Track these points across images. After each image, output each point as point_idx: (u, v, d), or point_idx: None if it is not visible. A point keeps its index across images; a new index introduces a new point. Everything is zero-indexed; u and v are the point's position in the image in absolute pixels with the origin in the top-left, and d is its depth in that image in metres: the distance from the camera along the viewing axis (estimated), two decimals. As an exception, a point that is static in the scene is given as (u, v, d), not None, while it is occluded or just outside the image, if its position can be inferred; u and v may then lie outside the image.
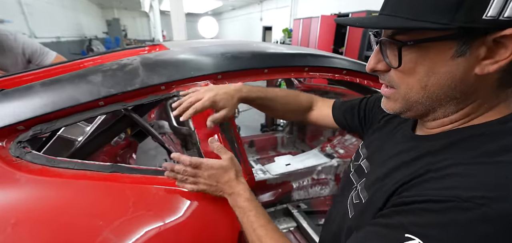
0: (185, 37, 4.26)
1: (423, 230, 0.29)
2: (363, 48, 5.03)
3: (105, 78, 0.71)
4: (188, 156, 0.59)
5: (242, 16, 12.76)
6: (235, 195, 0.58)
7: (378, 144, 0.54)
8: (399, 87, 0.38)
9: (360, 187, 0.47)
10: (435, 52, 0.33)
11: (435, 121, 0.40)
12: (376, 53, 0.40)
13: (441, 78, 0.34)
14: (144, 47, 1.61)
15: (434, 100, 0.36)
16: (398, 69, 0.37)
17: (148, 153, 1.32)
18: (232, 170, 0.60)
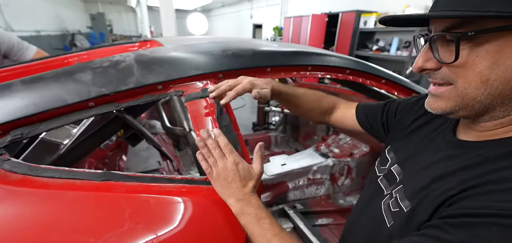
0: (175, 34, 4.14)
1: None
2: (354, 46, 5.10)
3: (95, 76, 0.64)
4: (226, 138, 0.57)
5: (232, 13, 12.63)
6: (246, 202, 0.53)
7: (412, 150, 0.51)
8: (456, 82, 0.36)
9: (397, 195, 0.45)
10: (500, 43, 0.31)
11: (491, 122, 0.37)
12: (425, 51, 0.39)
13: (507, 71, 0.31)
14: (133, 43, 1.53)
15: (495, 97, 0.34)
16: (454, 63, 0.34)
17: (139, 154, 1.25)
18: (253, 181, 0.56)
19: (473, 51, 0.33)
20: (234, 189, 0.54)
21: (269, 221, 0.50)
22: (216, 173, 0.55)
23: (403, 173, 0.48)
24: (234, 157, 0.55)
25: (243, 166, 0.55)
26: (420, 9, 3.91)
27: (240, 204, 0.53)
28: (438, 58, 0.36)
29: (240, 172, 0.54)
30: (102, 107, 0.63)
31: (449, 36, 0.34)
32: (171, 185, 0.61)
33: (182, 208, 0.57)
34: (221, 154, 0.55)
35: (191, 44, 0.90)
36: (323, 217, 1.47)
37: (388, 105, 0.67)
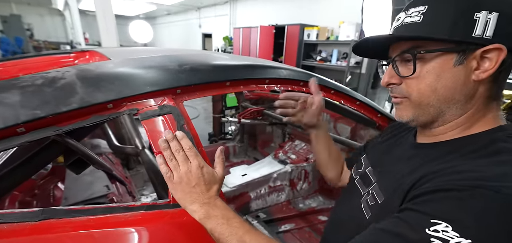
0: (116, 42, 3.76)
1: (448, 215, 0.32)
2: (300, 57, 5.49)
3: (25, 96, 0.54)
4: (190, 141, 0.55)
5: (179, 22, 12.21)
6: (211, 205, 0.52)
7: (381, 154, 0.60)
8: (410, 95, 0.46)
9: (373, 191, 0.51)
10: (441, 61, 0.42)
11: (443, 126, 0.46)
12: (389, 70, 0.49)
13: (448, 80, 0.42)
14: (68, 53, 1.34)
15: (443, 102, 0.43)
16: (410, 77, 0.44)
17: (80, 180, 1.08)
18: (217, 185, 0.56)
19: (424, 67, 0.43)
20: (198, 193, 0.52)
21: (238, 220, 0.50)
22: (177, 177, 0.53)
23: (376, 173, 0.56)
24: (199, 160, 0.54)
25: (208, 170, 0.55)
26: (352, 25, 4.48)
27: (205, 208, 0.51)
28: (398, 73, 0.46)
29: (204, 176, 0.53)
30: (36, 132, 0.53)
31: (407, 55, 0.44)
32: (129, 214, 0.55)
33: (148, 239, 0.52)
34: (185, 157, 0.53)
35: (144, 57, 0.84)
36: (285, 223, 1.52)
37: (368, 142, 0.76)
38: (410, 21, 0.44)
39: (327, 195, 1.73)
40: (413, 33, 0.43)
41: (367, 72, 4.64)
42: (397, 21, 0.47)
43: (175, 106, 0.69)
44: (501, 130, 0.43)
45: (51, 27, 12.85)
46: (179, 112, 0.69)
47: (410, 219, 0.36)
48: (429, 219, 0.33)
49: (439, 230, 0.32)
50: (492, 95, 0.43)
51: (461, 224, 0.31)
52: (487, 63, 0.40)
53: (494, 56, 0.39)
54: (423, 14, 0.42)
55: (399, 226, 0.36)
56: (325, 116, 1.79)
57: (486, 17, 0.38)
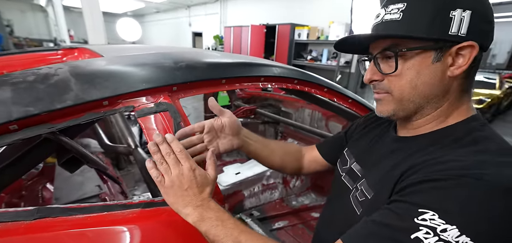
0: (104, 40, 3.66)
1: (434, 204, 0.34)
2: (291, 56, 5.54)
3: (17, 92, 0.52)
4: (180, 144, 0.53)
5: (169, 20, 12.02)
6: (205, 207, 0.51)
7: (365, 148, 0.61)
8: (392, 91, 0.48)
9: (362, 187, 0.52)
10: (420, 58, 0.43)
11: (422, 119, 0.48)
12: (371, 67, 0.49)
13: (427, 77, 0.44)
14: (55, 51, 1.30)
15: (422, 97, 0.45)
16: (392, 74, 0.46)
17: (71, 180, 1.05)
18: (209, 187, 0.54)
19: (405, 64, 0.45)
20: (191, 196, 0.51)
21: (233, 221, 0.50)
22: (169, 181, 0.51)
23: (363, 168, 0.57)
24: (190, 163, 0.52)
25: (200, 172, 0.53)
26: (342, 25, 4.57)
27: (199, 210, 0.50)
28: (380, 70, 0.47)
29: (197, 178, 0.52)
30: (29, 129, 0.52)
31: (389, 53, 0.45)
32: (127, 212, 0.55)
33: (145, 236, 0.52)
34: (176, 160, 0.52)
35: (139, 54, 0.83)
36: (279, 220, 1.53)
37: (348, 130, 0.77)
38: (389, 18, 0.45)
39: (320, 192, 1.76)
40: (392, 31, 0.44)
41: (357, 71, 4.74)
42: (377, 18, 0.48)
43: (171, 104, 0.69)
44: (475, 120, 0.46)
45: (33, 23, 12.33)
46: (175, 109, 0.69)
47: (399, 209, 0.38)
48: (417, 208, 0.35)
49: (427, 218, 0.34)
50: (465, 89, 0.46)
51: (447, 212, 0.33)
52: (461, 59, 0.42)
53: (467, 53, 0.41)
54: (402, 11, 0.43)
55: (389, 217, 0.38)
56: (317, 114, 1.82)
57: (460, 15, 0.39)
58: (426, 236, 0.33)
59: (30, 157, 0.61)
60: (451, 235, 0.32)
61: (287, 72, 1.01)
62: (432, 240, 0.32)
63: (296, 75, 1.02)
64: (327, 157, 0.79)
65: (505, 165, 0.36)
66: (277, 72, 0.98)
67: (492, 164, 0.36)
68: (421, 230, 0.33)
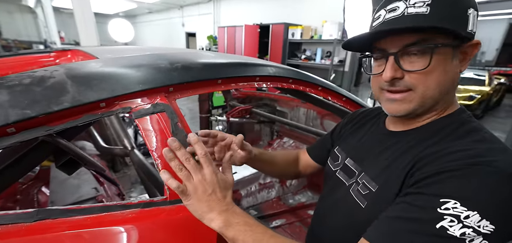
0: (97, 41, 3.61)
1: (455, 193, 0.36)
2: (285, 56, 5.57)
3: (14, 95, 0.52)
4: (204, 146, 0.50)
5: (162, 20, 11.92)
6: (230, 212, 0.49)
7: (355, 144, 0.63)
8: (416, 88, 0.46)
9: (363, 180, 0.53)
10: (443, 55, 0.43)
11: (425, 115, 0.50)
12: (392, 64, 0.46)
13: (449, 74, 0.45)
14: (48, 53, 1.29)
15: (442, 94, 0.46)
16: (419, 71, 0.44)
17: (66, 183, 1.05)
18: (230, 191, 0.53)
19: (433, 61, 0.43)
20: (215, 201, 0.49)
21: (261, 226, 0.48)
22: (192, 188, 0.48)
23: (358, 164, 0.58)
24: (213, 167, 0.50)
25: (222, 176, 0.51)
26: (335, 24, 4.61)
27: (224, 216, 0.48)
28: (401, 67, 0.45)
29: (220, 183, 0.50)
30: (27, 132, 0.52)
31: (413, 49, 0.43)
32: (126, 212, 0.55)
33: (145, 236, 0.53)
34: (196, 165, 0.49)
35: (134, 55, 0.83)
36: (276, 219, 1.55)
37: (333, 131, 0.79)
38: (415, 11, 0.42)
39: (316, 190, 1.78)
40: (426, 23, 0.41)
41: (350, 70, 4.80)
42: (392, 12, 0.44)
43: (168, 104, 0.70)
44: (463, 112, 0.48)
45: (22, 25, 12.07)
46: (172, 109, 0.70)
47: (420, 202, 0.38)
48: (439, 199, 0.36)
49: (450, 207, 0.35)
50: (456, 85, 0.48)
51: (467, 199, 0.35)
52: (467, 56, 0.44)
53: (470, 50, 0.44)
54: (428, 5, 0.41)
55: (411, 211, 0.39)
56: (312, 113, 1.84)
57: (473, 13, 0.42)
58: (451, 224, 0.34)
59: (28, 160, 0.61)
60: (474, 221, 0.33)
61: (282, 72, 1.02)
62: (456, 227, 0.34)
63: (291, 74, 1.04)
64: (317, 159, 0.81)
65: (505, 151, 0.39)
66: (272, 71, 0.99)
67: (495, 151, 0.38)
68: (446, 219, 0.35)
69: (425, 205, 0.37)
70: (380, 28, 0.46)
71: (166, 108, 0.68)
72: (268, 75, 0.98)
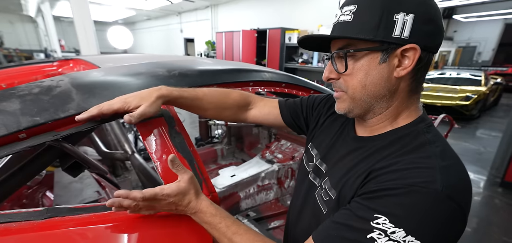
0: (96, 49, 3.67)
1: (387, 210, 0.39)
2: (282, 60, 5.63)
3: (25, 104, 0.57)
4: (138, 191, 0.51)
5: (160, 27, 12.05)
6: (199, 213, 0.56)
7: (327, 145, 0.63)
8: (347, 89, 0.50)
9: (326, 186, 0.55)
10: (368, 59, 0.46)
11: (375, 118, 0.52)
12: (328, 66, 0.53)
13: (375, 77, 0.47)
14: (51, 62, 1.34)
15: (372, 97, 0.48)
16: (345, 73, 0.49)
17: (70, 187, 1.09)
18: (191, 192, 0.56)
19: (355, 65, 0.47)
20: (183, 208, 0.55)
21: (224, 224, 0.53)
22: (161, 211, 0.56)
23: (326, 166, 0.60)
24: (158, 194, 0.52)
25: (171, 190, 0.53)
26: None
27: (196, 216, 0.56)
28: (336, 69, 0.50)
29: (175, 197, 0.54)
30: (36, 137, 0.56)
31: (341, 53, 0.48)
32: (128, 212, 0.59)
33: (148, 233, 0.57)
34: (148, 204, 0.53)
35: (133, 64, 0.88)
36: (275, 220, 1.58)
37: (305, 100, 0.78)
38: (343, 19, 0.47)
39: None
40: (343, 33, 0.47)
41: (347, 72, 4.84)
42: (335, 18, 0.50)
43: (166, 109, 0.74)
44: (422, 121, 0.49)
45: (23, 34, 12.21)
46: (170, 114, 0.74)
47: (359, 212, 0.42)
48: (373, 213, 0.40)
49: (380, 222, 0.39)
50: (413, 89, 0.48)
51: (396, 216, 0.38)
52: (406, 61, 0.44)
53: (411, 55, 0.43)
54: (353, 13, 0.45)
55: (350, 219, 0.43)
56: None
57: (403, 18, 0.41)
58: (379, 237, 0.38)
59: (36, 163, 0.65)
60: (399, 236, 0.37)
61: (275, 77, 1.07)
62: (383, 240, 0.38)
63: (283, 79, 1.09)
64: (286, 120, 0.79)
65: (447, 171, 0.40)
66: (266, 77, 1.04)
67: (436, 171, 0.40)
68: (375, 232, 0.39)
69: (362, 216, 0.41)
70: (318, 34, 0.52)
71: (164, 113, 0.73)
72: (261, 80, 1.03)
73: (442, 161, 0.41)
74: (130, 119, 0.59)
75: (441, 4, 6.81)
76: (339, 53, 0.49)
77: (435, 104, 5.53)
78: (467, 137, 4.60)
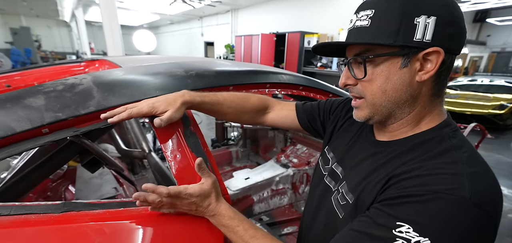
0: (122, 52, 3.87)
1: (411, 218, 0.36)
2: (301, 64, 5.56)
3: (49, 100, 0.60)
4: (164, 187, 0.53)
5: (182, 30, 12.45)
6: (218, 216, 0.57)
7: (344, 149, 0.61)
8: (366, 95, 0.49)
9: (343, 190, 0.53)
10: (388, 64, 0.44)
11: (396, 123, 0.49)
12: (345, 71, 0.51)
13: (396, 82, 0.45)
14: (79, 62, 1.41)
15: (393, 102, 0.47)
16: (364, 79, 0.47)
17: (90, 182, 1.13)
18: (212, 195, 0.58)
19: (375, 70, 0.46)
20: (203, 209, 0.57)
21: (242, 227, 0.55)
22: (181, 211, 0.57)
23: (343, 170, 0.58)
24: (182, 193, 0.54)
25: (194, 190, 0.55)
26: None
27: (214, 219, 0.58)
28: (354, 75, 0.49)
29: (198, 197, 0.56)
30: (58, 132, 0.58)
31: (359, 58, 0.46)
32: (142, 208, 0.60)
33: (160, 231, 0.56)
34: (171, 201, 0.55)
35: (153, 64, 0.90)
36: (288, 225, 1.54)
37: (323, 104, 0.77)
38: (360, 24, 0.46)
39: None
40: (360, 39, 0.46)
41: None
42: (350, 23, 0.49)
43: (182, 109, 0.75)
44: (447, 125, 0.46)
45: (58, 38, 13.18)
46: (186, 114, 0.74)
47: (379, 219, 0.40)
48: (395, 221, 0.37)
49: (403, 231, 0.36)
50: (435, 93, 0.46)
51: (421, 225, 0.35)
52: (429, 64, 0.42)
53: (434, 58, 0.41)
54: (370, 18, 0.44)
55: (371, 227, 0.40)
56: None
57: (425, 21, 0.40)
58: None
59: (58, 158, 0.68)
60: None
61: (292, 79, 1.05)
62: None
63: (301, 81, 1.06)
64: (302, 123, 0.79)
65: (474, 177, 0.37)
66: (283, 79, 1.02)
67: (463, 178, 0.37)
68: (398, 241, 0.36)
69: (384, 224, 0.39)
70: (334, 41, 0.51)
71: (180, 113, 0.73)
72: (278, 82, 1.01)
73: (469, 168, 0.39)
74: (160, 123, 0.61)
75: (473, 7, 6.39)
76: (357, 58, 0.47)
77: (464, 112, 5.21)
78: (501, 149, 4.24)
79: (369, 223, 0.41)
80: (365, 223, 0.42)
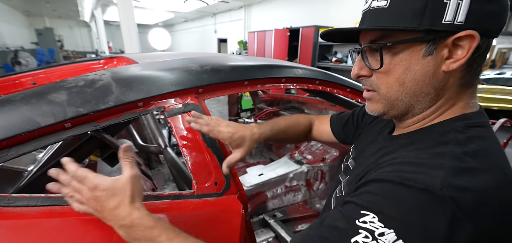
0: (138, 50, 3.97)
1: (377, 207, 0.33)
2: (315, 59, 5.46)
3: (71, 96, 0.61)
4: (76, 165, 0.45)
5: (196, 28, 12.59)
6: (127, 228, 0.43)
7: (363, 145, 0.59)
8: (379, 88, 0.43)
9: (343, 183, 0.51)
10: (409, 52, 0.38)
11: (413, 118, 0.44)
12: (358, 61, 0.45)
13: (417, 74, 0.38)
14: (98, 60, 1.46)
15: (411, 96, 0.40)
16: (379, 70, 0.41)
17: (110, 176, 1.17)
18: (125, 194, 0.44)
19: (393, 60, 0.39)
20: (108, 213, 0.43)
21: (165, 237, 0.43)
22: (88, 208, 0.45)
23: (354, 165, 0.55)
24: (88, 178, 0.44)
25: (102, 183, 0.44)
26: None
27: (123, 231, 0.43)
28: (368, 65, 0.42)
29: (103, 192, 0.43)
30: (80, 127, 0.60)
31: (375, 46, 0.40)
32: (158, 202, 0.61)
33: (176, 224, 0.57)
34: (78, 186, 0.45)
35: (168, 60, 0.91)
36: (302, 222, 1.53)
37: (356, 111, 0.74)
38: (376, 5, 0.39)
39: (345, 196, 1.71)
40: (377, 23, 0.39)
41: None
42: (365, 4, 0.42)
43: (197, 104, 0.75)
44: (463, 119, 0.39)
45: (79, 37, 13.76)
46: (201, 109, 0.74)
47: (346, 210, 0.36)
48: (360, 210, 0.33)
49: (367, 221, 0.32)
50: (465, 83, 0.39)
51: (385, 215, 0.32)
52: (459, 51, 0.36)
53: (466, 44, 0.35)
54: None
55: (337, 219, 0.36)
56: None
57: (457, 1, 0.33)
58: (365, 240, 0.31)
59: (80, 151, 0.70)
60: (388, 239, 0.30)
61: (308, 73, 1.02)
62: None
63: (317, 75, 1.03)
64: (337, 135, 0.77)
65: (460, 172, 0.32)
66: (298, 73, 0.99)
67: (442, 170, 0.32)
68: (361, 233, 0.32)
69: (348, 215, 0.35)
70: (345, 27, 0.44)
71: (195, 108, 0.73)
72: (294, 76, 0.99)
73: (459, 163, 0.33)
74: (227, 170, 0.63)
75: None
76: (372, 46, 0.41)
77: (491, 107, 4.92)
78: (533, 147, 3.95)
79: (337, 215, 0.36)
80: (333, 215, 0.37)
